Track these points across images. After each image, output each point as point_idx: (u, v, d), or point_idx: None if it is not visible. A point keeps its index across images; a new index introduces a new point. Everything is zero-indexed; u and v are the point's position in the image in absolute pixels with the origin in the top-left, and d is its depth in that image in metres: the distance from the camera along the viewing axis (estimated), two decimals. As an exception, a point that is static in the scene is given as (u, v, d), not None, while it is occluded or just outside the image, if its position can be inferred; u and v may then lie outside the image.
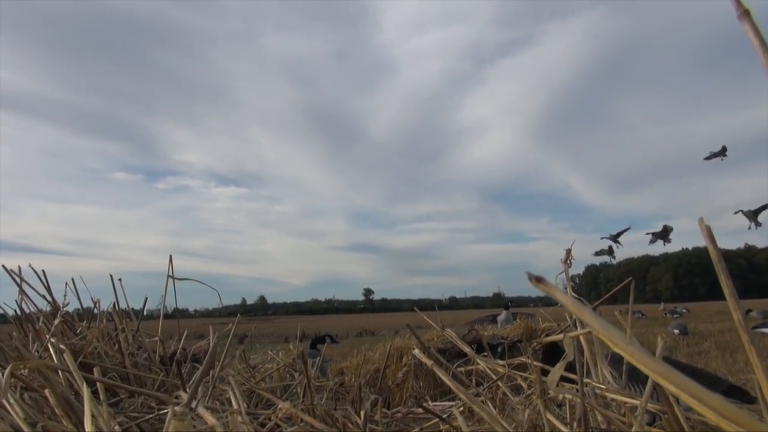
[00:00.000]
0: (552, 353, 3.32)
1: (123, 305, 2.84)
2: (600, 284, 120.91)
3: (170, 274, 2.26)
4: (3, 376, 1.29)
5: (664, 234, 7.60)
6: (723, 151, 6.78)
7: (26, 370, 1.55)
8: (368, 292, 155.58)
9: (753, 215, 6.23)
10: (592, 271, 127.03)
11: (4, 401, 1.30)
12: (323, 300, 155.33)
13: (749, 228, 6.30)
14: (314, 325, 39.82)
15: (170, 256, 2.29)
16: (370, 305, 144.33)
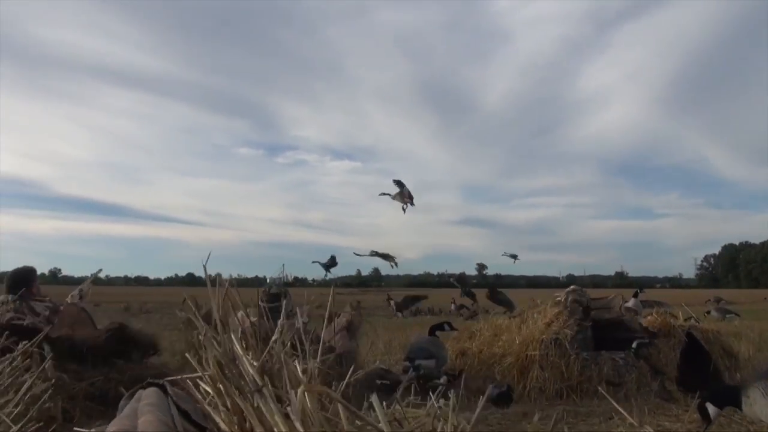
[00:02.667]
0: (693, 354, 2.99)
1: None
2: (739, 266, 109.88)
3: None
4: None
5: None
6: None
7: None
8: (481, 267, 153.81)
9: None
10: (730, 251, 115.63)
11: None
12: (436, 274, 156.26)
13: None
14: (426, 298, 40.26)
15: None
16: (483, 280, 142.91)
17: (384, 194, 7.69)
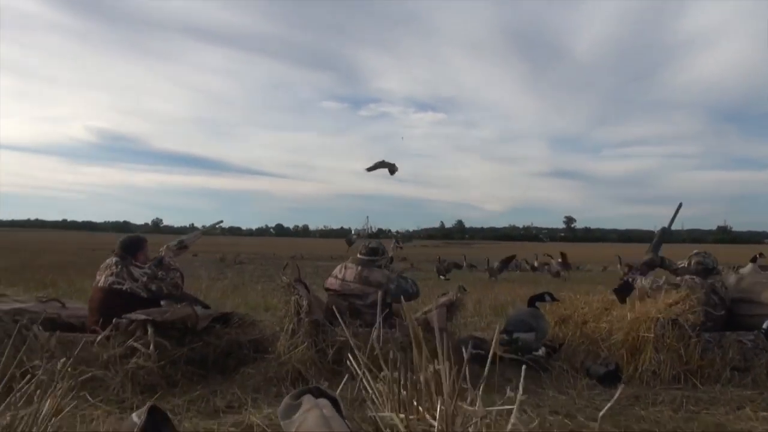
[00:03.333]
0: None
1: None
2: None
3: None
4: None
5: None
6: None
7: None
8: (569, 220, 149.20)
9: None
10: None
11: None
12: (521, 227, 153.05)
13: None
14: (511, 253, 39.37)
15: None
16: (572, 233, 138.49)
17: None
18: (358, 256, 4.21)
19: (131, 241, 4.02)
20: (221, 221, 6.24)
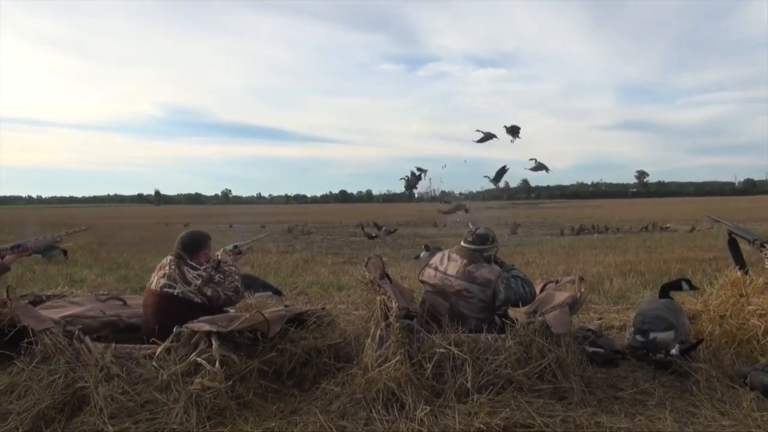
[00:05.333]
0: None
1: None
2: None
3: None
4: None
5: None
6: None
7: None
8: (641, 174, 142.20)
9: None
10: None
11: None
12: (590, 183, 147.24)
13: None
14: (583, 213, 37.55)
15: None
16: (644, 189, 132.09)
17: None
18: (463, 244, 3.52)
19: (192, 238, 3.50)
20: (266, 233, 5.89)
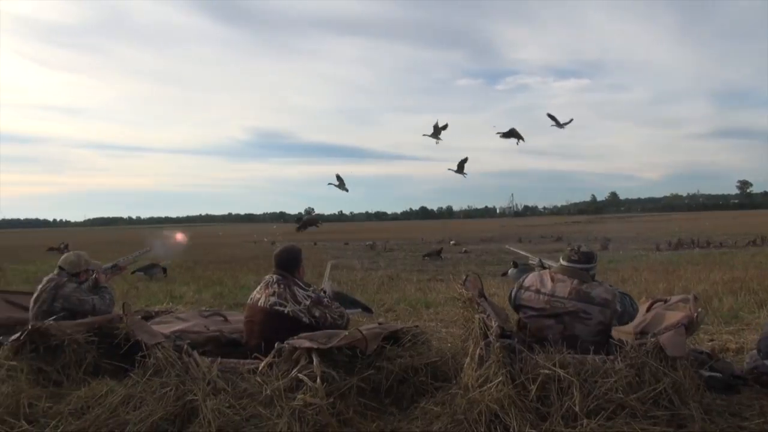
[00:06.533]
0: None
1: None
2: None
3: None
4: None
5: None
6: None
7: None
8: (744, 184, 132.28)
9: None
10: None
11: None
12: (685, 195, 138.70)
13: None
14: (679, 226, 35.25)
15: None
16: (748, 200, 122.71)
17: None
18: (564, 263, 3.33)
19: (289, 255, 3.58)
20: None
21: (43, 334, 3.17)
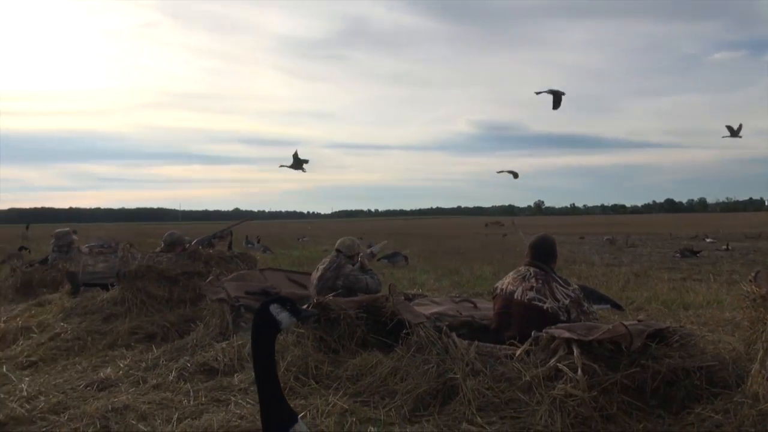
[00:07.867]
0: None
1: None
2: None
3: None
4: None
5: None
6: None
7: None
8: None
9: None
10: None
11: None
12: None
13: None
14: None
15: None
16: None
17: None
18: None
19: (547, 247, 3.54)
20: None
21: (324, 307, 3.65)
